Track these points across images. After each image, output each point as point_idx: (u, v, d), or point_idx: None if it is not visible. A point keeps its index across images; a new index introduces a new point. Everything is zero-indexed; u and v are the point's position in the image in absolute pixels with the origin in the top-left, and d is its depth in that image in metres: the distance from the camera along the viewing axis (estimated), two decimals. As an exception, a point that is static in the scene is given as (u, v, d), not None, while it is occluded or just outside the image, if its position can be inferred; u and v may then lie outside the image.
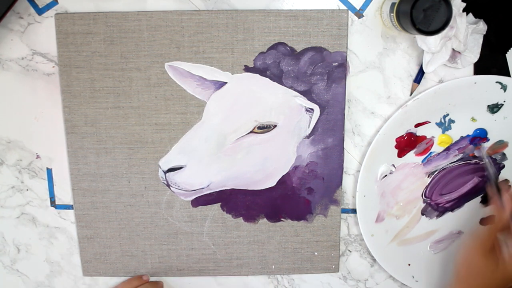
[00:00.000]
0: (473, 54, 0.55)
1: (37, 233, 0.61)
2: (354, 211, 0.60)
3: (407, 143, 0.58)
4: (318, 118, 0.57)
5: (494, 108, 0.57)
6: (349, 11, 0.55)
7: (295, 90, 0.56)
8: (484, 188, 0.60)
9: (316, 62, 0.55)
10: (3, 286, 0.63)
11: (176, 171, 0.58)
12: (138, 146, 0.58)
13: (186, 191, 0.58)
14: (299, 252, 0.61)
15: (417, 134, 0.58)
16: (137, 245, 0.60)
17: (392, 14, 0.51)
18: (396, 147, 0.58)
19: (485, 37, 0.55)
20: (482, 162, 0.59)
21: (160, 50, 0.55)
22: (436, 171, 0.59)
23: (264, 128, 0.57)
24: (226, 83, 0.56)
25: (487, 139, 0.58)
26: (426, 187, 0.60)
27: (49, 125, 0.58)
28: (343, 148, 0.58)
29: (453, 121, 0.58)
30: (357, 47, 0.57)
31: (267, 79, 0.56)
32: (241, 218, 0.60)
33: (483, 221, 0.62)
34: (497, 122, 0.58)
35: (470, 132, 0.58)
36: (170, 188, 0.59)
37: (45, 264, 0.62)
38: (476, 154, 0.59)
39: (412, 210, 0.61)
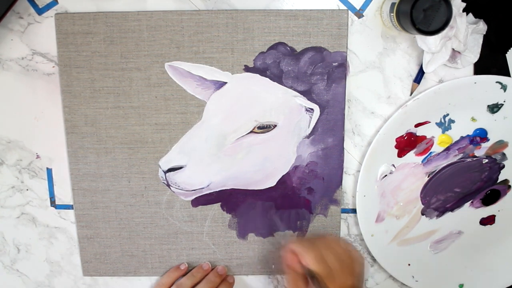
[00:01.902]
0: (473, 54, 0.55)
1: (37, 233, 0.61)
2: (354, 211, 0.60)
3: (407, 143, 0.58)
4: (318, 118, 0.57)
5: (494, 108, 0.57)
6: (349, 11, 0.56)
7: (295, 90, 0.56)
8: (484, 187, 0.60)
9: (316, 62, 0.55)
10: (3, 286, 0.63)
11: (176, 171, 0.58)
12: (138, 146, 0.58)
13: (186, 191, 0.58)
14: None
15: (417, 134, 0.58)
16: (137, 245, 0.60)
17: (392, 14, 0.51)
18: (396, 147, 0.58)
19: (485, 37, 0.55)
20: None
21: (160, 50, 0.55)
22: (435, 171, 0.59)
23: (264, 128, 0.57)
24: (226, 83, 0.56)
25: (487, 139, 0.58)
26: (426, 186, 0.60)
27: (49, 125, 0.58)
28: (343, 148, 0.58)
29: (453, 121, 0.58)
30: (357, 47, 0.57)
31: (267, 79, 0.56)
32: (241, 218, 0.60)
33: (483, 221, 0.62)
34: (497, 122, 0.58)
35: (470, 132, 0.58)
36: (170, 188, 0.59)
37: (45, 264, 0.62)
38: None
39: (412, 210, 0.61)
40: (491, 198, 0.61)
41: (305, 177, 0.58)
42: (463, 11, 0.52)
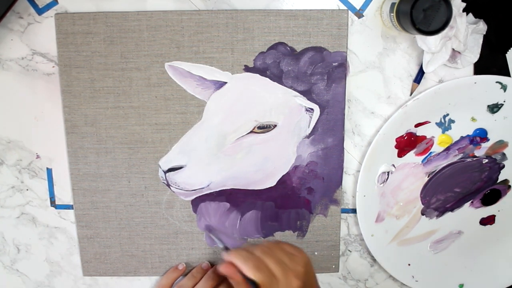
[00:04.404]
0: (473, 54, 0.55)
1: (37, 233, 0.61)
2: (354, 211, 0.60)
3: (407, 143, 0.58)
4: (318, 118, 0.57)
5: (494, 108, 0.57)
6: (349, 11, 0.56)
7: (295, 90, 0.56)
8: (484, 187, 0.60)
9: (316, 62, 0.55)
10: (3, 286, 0.63)
11: (176, 171, 0.58)
12: (138, 146, 0.58)
13: (186, 191, 0.58)
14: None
15: (417, 134, 0.58)
16: (137, 245, 0.60)
17: (392, 14, 0.51)
18: (396, 147, 0.58)
19: (485, 37, 0.55)
20: (485, 161, 0.59)
21: (160, 50, 0.55)
22: (435, 171, 0.59)
23: (264, 128, 0.57)
24: (226, 83, 0.56)
25: (487, 139, 0.58)
26: (426, 186, 0.60)
27: (49, 125, 0.58)
28: (343, 148, 0.58)
29: (453, 121, 0.58)
30: (357, 47, 0.57)
31: (267, 79, 0.56)
32: (241, 218, 0.60)
33: (483, 221, 0.62)
34: (497, 122, 0.58)
35: (470, 132, 0.58)
36: (170, 188, 0.59)
37: (45, 264, 0.62)
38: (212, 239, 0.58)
39: (412, 210, 0.61)
40: (491, 198, 0.61)
41: (305, 177, 0.58)
42: (463, 11, 0.52)
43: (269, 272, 0.47)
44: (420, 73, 0.57)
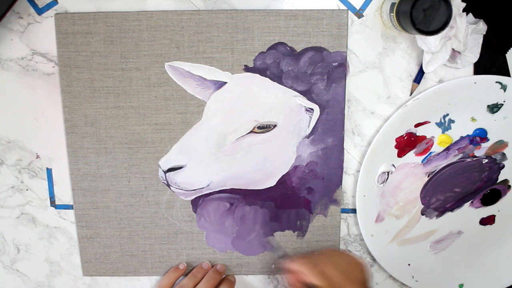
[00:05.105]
0: (473, 54, 0.55)
1: (37, 233, 0.61)
2: (354, 211, 0.60)
3: (407, 143, 0.58)
4: (318, 118, 0.57)
5: (494, 108, 0.57)
6: (349, 11, 0.56)
7: (295, 90, 0.56)
8: (484, 187, 0.60)
9: (316, 62, 0.55)
10: (3, 286, 0.63)
11: (176, 171, 0.58)
12: (138, 146, 0.58)
13: (186, 190, 0.58)
14: (299, 252, 0.61)
15: (417, 134, 0.58)
16: (137, 245, 0.60)
17: (392, 14, 0.51)
18: (396, 147, 0.58)
19: (485, 37, 0.55)
20: (482, 166, 0.59)
21: (160, 50, 0.55)
22: (435, 171, 0.59)
23: (264, 128, 0.57)
24: (226, 83, 0.56)
25: (487, 139, 0.58)
26: (425, 186, 0.60)
27: (49, 125, 0.58)
28: (343, 148, 0.58)
29: (453, 121, 0.58)
30: (357, 47, 0.57)
31: (267, 79, 0.56)
32: (241, 218, 0.60)
33: (483, 221, 0.62)
34: (497, 122, 0.58)
35: (470, 132, 0.58)
36: (170, 188, 0.59)
37: (45, 264, 0.62)
38: (271, 245, 0.59)
39: (412, 210, 0.61)
40: (491, 198, 0.61)
41: (305, 177, 0.58)
42: (463, 11, 0.52)
43: (331, 280, 0.49)
44: (420, 73, 0.57)
